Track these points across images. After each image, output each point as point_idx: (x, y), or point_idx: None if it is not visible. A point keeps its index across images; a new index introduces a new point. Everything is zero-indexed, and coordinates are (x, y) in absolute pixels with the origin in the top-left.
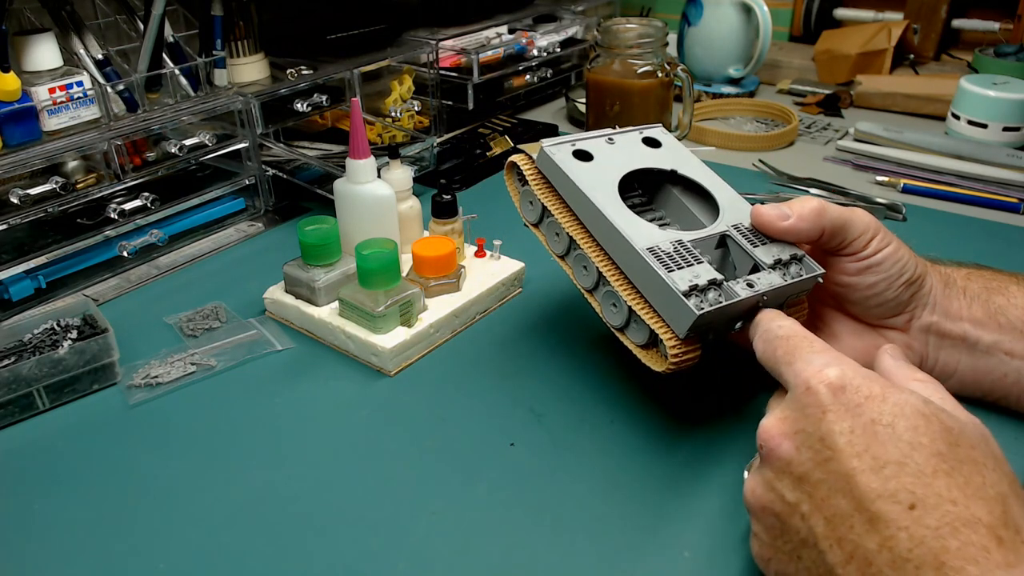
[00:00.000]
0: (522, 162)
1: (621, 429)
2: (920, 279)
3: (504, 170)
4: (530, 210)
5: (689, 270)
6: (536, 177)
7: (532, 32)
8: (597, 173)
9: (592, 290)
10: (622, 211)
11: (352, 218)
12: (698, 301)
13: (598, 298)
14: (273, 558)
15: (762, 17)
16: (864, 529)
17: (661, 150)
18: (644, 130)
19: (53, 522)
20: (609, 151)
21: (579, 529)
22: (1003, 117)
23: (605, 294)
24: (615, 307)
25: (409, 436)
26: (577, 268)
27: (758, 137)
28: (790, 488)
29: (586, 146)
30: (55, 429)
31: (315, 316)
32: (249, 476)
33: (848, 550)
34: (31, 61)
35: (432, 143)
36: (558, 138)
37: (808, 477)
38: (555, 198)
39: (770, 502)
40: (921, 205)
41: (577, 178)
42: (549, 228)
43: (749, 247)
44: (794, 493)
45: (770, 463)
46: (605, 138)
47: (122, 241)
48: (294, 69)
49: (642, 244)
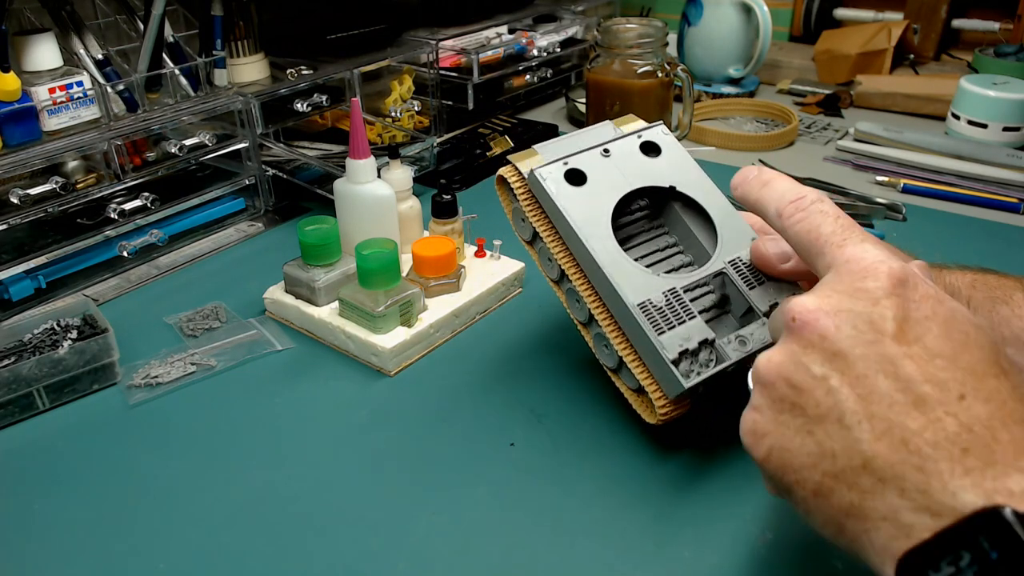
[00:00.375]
0: (512, 177)
1: (621, 429)
2: None
3: (495, 183)
4: (523, 227)
5: (681, 329)
6: (527, 196)
7: (532, 32)
8: (590, 202)
9: (585, 324)
10: (615, 256)
11: (352, 218)
12: (688, 367)
13: (591, 334)
14: (273, 558)
15: (762, 17)
16: (905, 409)
17: (660, 160)
18: (643, 133)
19: (53, 522)
20: (604, 167)
21: (579, 529)
22: (1003, 117)
23: (597, 335)
24: (607, 348)
25: (409, 436)
26: (570, 300)
27: (758, 137)
28: (819, 363)
29: (580, 163)
30: (55, 429)
31: (315, 316)
32: (249, 476)
33: (881, 427)
34: (31, 61)
35: (432, 143)
36: (551, 149)
37: (845, 354)
38: (547, 222)
39: (790, 372)
40: (921, 205)
41: (568, 212)
42: (542, 253)
43: (745, 289)
44: (824, 368)
45: (799, 337)
46: (601, 150)
47: (122, 241)
48: (294, 69)
49: (633, 299)
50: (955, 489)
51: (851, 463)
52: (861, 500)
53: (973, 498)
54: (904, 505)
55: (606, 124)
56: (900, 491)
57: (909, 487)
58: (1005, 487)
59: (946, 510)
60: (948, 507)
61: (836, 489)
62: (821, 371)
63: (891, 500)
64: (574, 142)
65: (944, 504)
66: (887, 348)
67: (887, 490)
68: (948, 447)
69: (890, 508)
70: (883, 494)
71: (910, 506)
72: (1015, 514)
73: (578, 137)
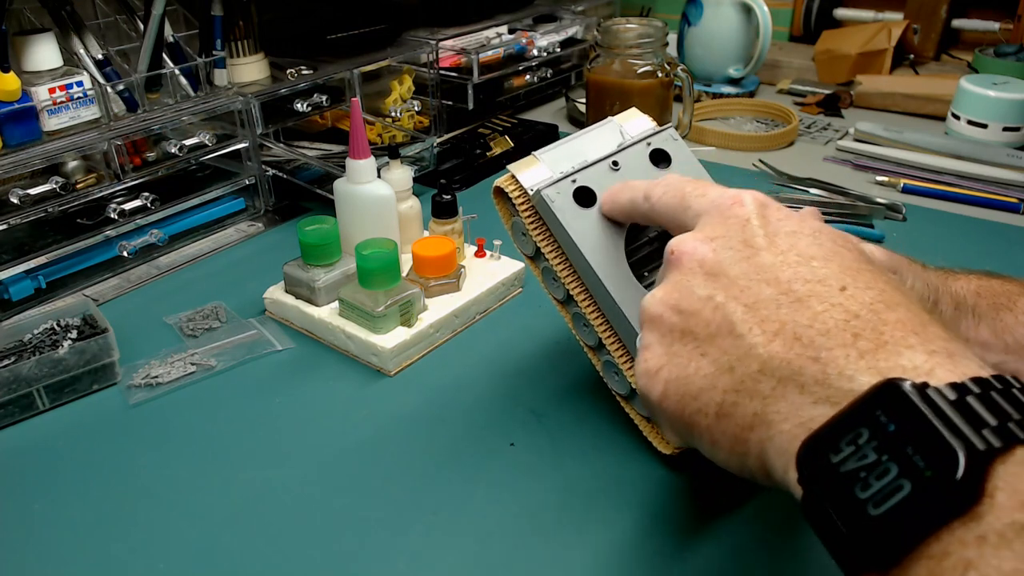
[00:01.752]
0: (512, 189)
1: (621, 429)
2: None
3: (492, 193)
4: (524, 242)
5: None
6: (530, 211)
7: (532, 32)
8: (602, 225)
9: (593, 349)
10: (630, 290)
11: (352, 218)
12: None
13: (600, 361)
14: (273, 558)
15: (762, 17)
16: (793, 308)
17: (671, 171)
18: (652, 140)
19: (53, 522)
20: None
21: (579, 530)
22: (1003, 117)
23: (607, 363)
24: (617, 376)
25: (409, 436)
26: (577, 323)
27: (758, 137)
28: (703, 283)
29: (589, 179)
30: (55, 429)
31: (315, 316)
32: (249, 476)
33: (773, 328)
34: (31, 61)
35: (432, 143)
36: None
37: (725, 271)
38: (552, 241)
39: (676, 299)
40: (921, 205)
41: (580, 239)
42: (546, 272)
43: None
44: (707, 287)
45: (679, 266)
46: (610, 163)
47: (122, 241)
48: (294, 69)
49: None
50: (852, 373)
51: (749, 370)
52: (764, 407)
53: (869, 379)
54: (805, 401)
55: (609, 121)
56: (800, 387)
57: (808, 380)
58: (898, 364)
59: (844, 395)
60: (846, 391)
61: (738, 403)
62: (705, 292)
63: (792, 398)
64: (576, 147)
65: (842, 389)
66: (763, 258)
67: (787, 389)
68: (839, 334)
69: (792, 407)
70: (784, 394)
71: (810, 400)
72: (913, 385)
73: (580, 140)
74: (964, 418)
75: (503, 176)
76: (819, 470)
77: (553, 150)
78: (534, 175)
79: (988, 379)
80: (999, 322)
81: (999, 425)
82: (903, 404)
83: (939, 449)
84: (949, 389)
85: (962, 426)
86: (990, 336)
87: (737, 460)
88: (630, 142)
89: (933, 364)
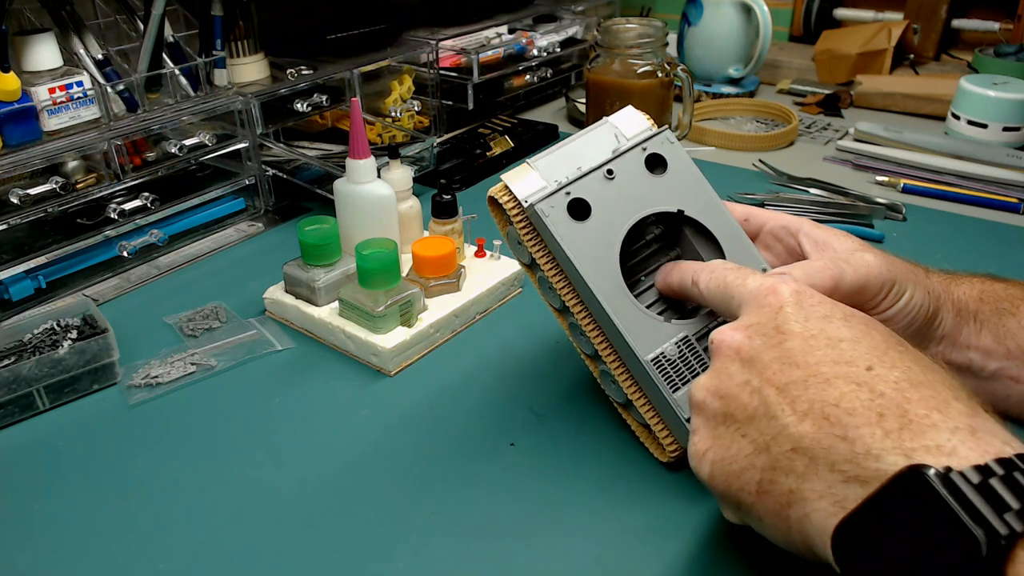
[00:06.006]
0: (505, 199)
1: (621, 429)
2: (931, 320)
3: (487, 202)
4: (519, 250)
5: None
6: (524, 222)
7: (532, 32)
8: (597, 238)
9: (591, 357)
10: (625, 304)
11: (352, 218)
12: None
13: (597, 369)
14: (273, 558)
15: (762, 17)
16: (821, 388)
17: (667, 177)
18: (648, 144)
19: (53, 522)
20: (609, 193)
21: (579, 529)
22: (1003, 117)
23: (604, 372)
24: (614, 385)
25: (409, 436)
26: (574, 332)
27: (758, 137)
28: (739, 370)
29: (583, 191)
30: (55, 429)
31: (315, 316)
32: (249, 476)
33: (803, 408)
34: (31, 61)
35: (432, 143)
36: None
37: (759, 357)
38: (547, 253)
39: (716, 385)
40: (921, 205)
41: (574, 253)
42: (542, 281)
43: None
44: (744, 373)
45: (719, 355)
46: (604, 172)
47: (122, 241)
48: (294, 69)
49: (645, 353)
50: (878, 452)
51: (783, 449)
52: (799, 484)
53: (896, 459)
54: (836, 479)
55: (604, 123)
56: (830, 465)
57: (838, 458)
58: (922, 444)
59: (873, 475)
60: (874, 470)
61: (775, 480)
62: (742, 377)
63: (824, 476)
64: (570, 152)
65: (870, 468)
66: (794, 343)
67: (819, 466)
68: (865, 412)
69: (825, 484)
70: (817, 471)
71: (841, 478)
72: (936, 473)
73: (574, 144)
74: (987, 502)
75: (496, 185)
76: (852, 555)
77: (546, 157)
78: (528, 184)
79: (1012, 459)
80: (1001, 327)
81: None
82: (927, 492)
83: (962, 536)
84: (973, 472)
85: (984, 511)
86: (992, 342)
87: (783, 536)
88: (625, 147)
89: (956, 442)
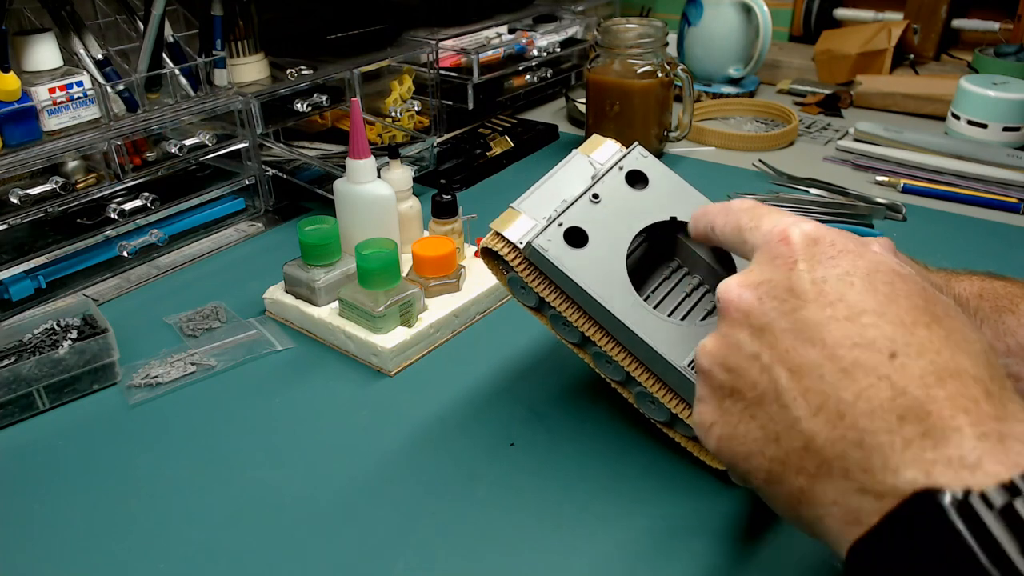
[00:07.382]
0: (501, 248)
1: (621, 429)
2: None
3: (480, 254)
4: (525, 295)
5: None
6: (525, 266)
7: (532, 32)
8: (600, 261)
9: (622, 383)
10: (644, 316)
11: (352, 218)
12: None
13: (631, 393)
14: (273, 558)
15: (762, 17)
16: (837, 379)
17: (650, 190)
18: (623, 163)
19: (53, 522)
20: (599, 217)
21: (579, 529)
22: (1003, 117)
23: (639, 394)
24: (653, 404)
25: (409, 436)
26: (599, 362)
27: (758, 137)
28: (749, 340)
29: (574, 219)
30: (55, 429)
31: (315, 316)
32: (249, 476)
33: (816, 402)
34: (31, 61)
35: (432, 143)
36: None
37: (771, 327)
38: (555, 289)
39: (724, 356)
40: (921, 205)
41: (583, 280)
42: (554, 320)
43: None
44: (754, 344)
45: (727, 316)
46: (590, 196)
47: (122, 241)
48: (294, 69)
49: (679, 360)
50: (895, 465)
51: (794, 445)
52: (810, 485)
53: (914, 475)
54: (849, 487)
55: (575, 155)
56: (844, 472)
57: (851, 466)
58: (944, 455)
59: (888, 490)
60: (890, 487)
61: (785, 475)
62: (752, 349)
63: (837, 482)
64: (551, 189)
65: (886, 484)
66: (811, 313)
67: (832, 470)
68: (884, 416)
69: (837, 491)
70: (829, 474)
71: (855, 487)
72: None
73: (553, 180)
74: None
75: (487, 236)
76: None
77: (529, 198)
78: (519, 228)
79: None
80: (1001, 325)
81: None
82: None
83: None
84: (997, 492)
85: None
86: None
87: (793, 522)
88: (603, 171)
89: (981, 452)
